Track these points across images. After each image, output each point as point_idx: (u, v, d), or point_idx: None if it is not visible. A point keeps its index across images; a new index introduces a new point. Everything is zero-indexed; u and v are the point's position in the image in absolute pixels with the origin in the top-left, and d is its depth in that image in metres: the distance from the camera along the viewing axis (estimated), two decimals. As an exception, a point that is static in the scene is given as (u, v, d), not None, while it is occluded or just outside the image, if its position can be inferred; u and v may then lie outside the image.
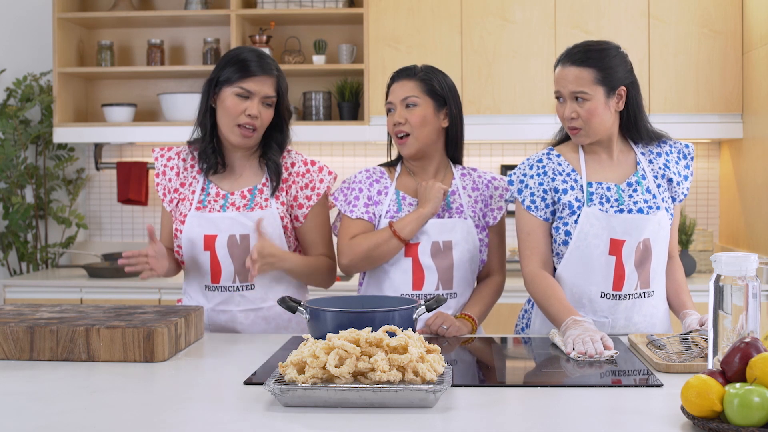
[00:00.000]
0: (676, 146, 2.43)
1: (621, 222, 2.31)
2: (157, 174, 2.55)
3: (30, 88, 4.52)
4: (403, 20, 4.23)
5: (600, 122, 2.31)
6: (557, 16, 4.18)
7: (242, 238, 2.42)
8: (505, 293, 4.26)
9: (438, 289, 2.47)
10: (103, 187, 4.83)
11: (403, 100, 2.48)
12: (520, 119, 4.20)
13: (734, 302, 1.67)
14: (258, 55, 2.44)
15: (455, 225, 2.49)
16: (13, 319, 2.11)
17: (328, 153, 4.64)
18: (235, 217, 2.43)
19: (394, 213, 2.50)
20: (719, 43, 4.13)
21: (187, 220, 2.45)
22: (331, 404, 1.58)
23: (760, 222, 3.89)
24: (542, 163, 2.40)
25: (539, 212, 2.37)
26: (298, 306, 2.10)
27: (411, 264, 2.47)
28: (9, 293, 4.15)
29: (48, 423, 1.53)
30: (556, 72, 2.36)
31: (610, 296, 2.32)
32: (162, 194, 2.54)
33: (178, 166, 2.54)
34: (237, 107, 2.40)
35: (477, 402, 1.65)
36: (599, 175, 2.38)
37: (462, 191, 2.55)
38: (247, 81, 2.40)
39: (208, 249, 2.43)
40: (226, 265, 2.44)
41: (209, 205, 2.47)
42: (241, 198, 2.47)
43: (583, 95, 2.29)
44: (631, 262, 2.31)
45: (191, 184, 2.51)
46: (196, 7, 4.46)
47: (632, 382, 1.81)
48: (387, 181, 2.55)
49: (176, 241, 2.49)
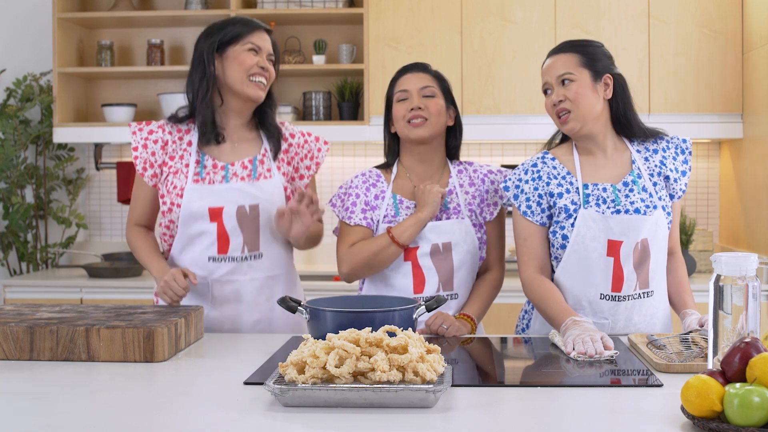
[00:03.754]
0: (673, 141, 2.42)
1: (618, 223, 2.30)
2: (135, 147, 2.47)
3: (30, 88, 4.53)
4: (403, 20, 4.23)
5: (588, 105, 2.32)
6: (557, 16, 4.18)
7: (251, 209, 2.43)
8: (505, 293, 4.25)
9: (439, 290, 2.47)
10: (103, 187, 4.83)
11: (422, 89, 2.50)
12: (520, 119, 4.20)
13: (734, 302, 1.67)
14: (246, 17, 2.52)
15: (453, 226, 2.49)
16: (13, 319, 2.11)
17: (328, 153, 4.63)
18: (242, 187, 2.44)
19: (392, 218, 2.50)
20: (719, 43, 4.13)
21: (185, 194, 2.42)
22: (331, 404, 1.58)
23: (760, 222, 3.90)
24: (537, 167, 2.40)
25: (535, 217, 2.37)
26: (298, 306, 2.11)
27: (411, 268, 2.47)
28: (9, 293, 4.16)
29: (48, 423, 1.53)
30: (543, 66, 2.40)
31: (610, 298, 2.32)
32: (141, 168, 2.46)
33: (163, 139, 2.47)
34: (251, 59, 2.44)
35: (477, 402, 1.65)
36: (595, 175, 2.37)
37: (459, 189, 2.54)
38: (254, 35, 2.45)
39: (215, 220, 2.42)
40: (234, 236, 2.43)
41: (207, 176, 2.44)
42: (242, 168, 2.47)
43: (570, 76, 2.32)
44: (629, 262, 2.30)
45: (182, 156, 2.46)
46: (196, 7, 4.47)
47: (632, 382, 1.81)
48: (384, 184, 2.55)
49: (168, 215, 2.44)
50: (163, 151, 2.47)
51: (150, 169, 2.47)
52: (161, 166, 2.47)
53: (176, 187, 2.44)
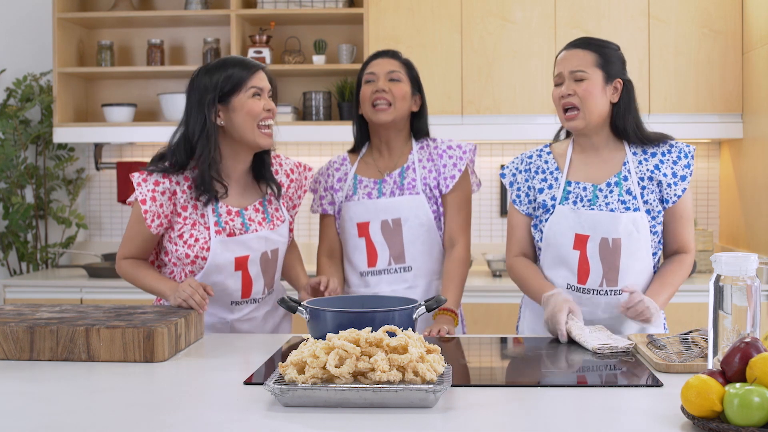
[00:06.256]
0: (677, 146, 2.43)
1: (587, 218, 2.37)
2: (143, 200, 2.36)
3: (30, 88, 4.52)
4: (403, 20, 4.23)
5: (596, 105, 2.37)
6: (557, 16, 4.18)
7: (272, 253, 2.48)
8: (505, 294, 4.24)
9: (390, 264, 2.62)
10: (103, 187, 4.83)
11: (389, 73, 2.64)
12: (520, 119, 4.19)
13: (734, 302, 1.67)
14: (239, 57, 2.47)
15: (403, 202, 2.63)
16: (13, 319, 2.11)
17: (328, 153, 4.64)
18: (267, 236, 2.45)
19: (350, 197, 2.67)
20: (719, 43, 4.13)
21: (212, 246, 2.37)
22: (331, 404, 1.58)
23: (760, 222, 3.89)
24: (531, 160, 2.51)
25: (522, 206, 2.49)
26: (298, 306, 2.11)
27: (365, 243, 2.64)
28: (9, 293, 4.15)
29: (48, 423, 1.53)
30: (559, 56, 2.43)
31: (575, 289, 2.40)
32: (150, 220, 2.36)
33: (170, 190, 2.38)
34: (258, 106, 2.37)
35: (477, 402, 1.65)
36: (582, 174, 2.43)
37: (417, 164, 2.66)
38: (254, 78, 2.38)
39: (240, 269, 2.42)
40: (257, 281, 2.46)
41: (228, 226, 2.40)
42: (255, 212, 2.47)
43: (583, 74, 2.37)
44: (596, 257, 2.36)
45: (196, 206, 2.40)
46: (196, 7, 4.46)
47: (632, 382, 1.81)
48: (347, 167, 2.73)
49: (190, 266, 2.40)
50: (170, 202, 2.38)
51: (157, 219, 2.38)
52: (170, 216, 2.40)
53: (198, 240, 2.38)
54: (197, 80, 2.40)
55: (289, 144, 4.61)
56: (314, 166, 4.64)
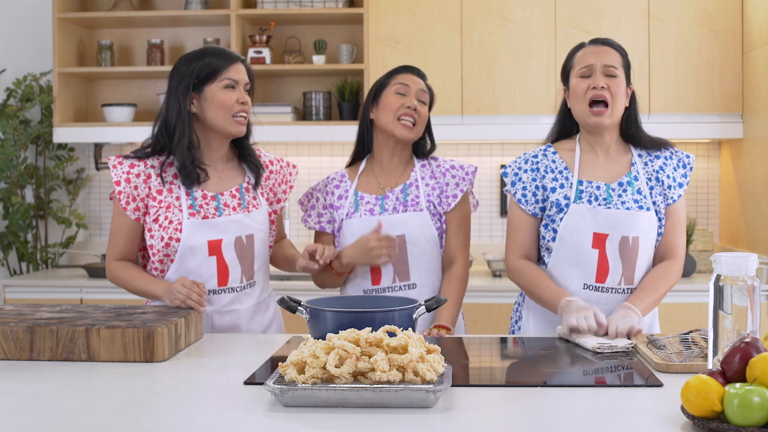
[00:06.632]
0: (677, 154, 2.46)
1: (605, 216, 2.35)
2: (117, 182, 2.40)
3: (30, 88, 4.52)
4: (403, 20, 4.23)
5: (622, 104, 2.39)
6: (557, 16, 4.18)
7: (247, 239, 2.45)
8: (505, 294, 4.23)
9: (395, 281, 2.57)
10: (103, 187, 4.83)
11: (420, 92, 2.62)
12: (520, 119, 4.20)
13: (734, 302, 1.67)
14: (220, 48, 2.48)
15: (408, 219, 2.59)
16: (13, 319, 2.11)
17: (328, 153, 4.64)
18: (240, 219, 2.44)
19: (352, 214, 2.61)
20: (719, 43, 4.13)
21: (184, 228, 2.39)
22: (331, 404, 1.58)
23: (760, 222, 3.90)
24: (537, 159, 2.47)
25: (529, 206, 2.44)
26: (298, 306, 2.11)
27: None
28: (9, 293, 4.15)
29: (48, 423, 1.53)
30: (586, 49, 2.43)
31: (593, 288, 2.37)
32: (125, 203, 2.39)
33: (146, 173, 2.42)
34: (230, 98, 2.40)
35: (477, 402, 1.65)
36: (592, 173, 2.42)
37: (420, 182, 2.63)
38: (230, 70, 2.40)
39: (214, 254, 2.42)
40: (234, 267, 2.44)
41: (202, 209, 2.42)
42: (231, 198, 2.47)
43: (615, 71, 2.37)
44: (615, 256, 2.35)
45: (171, 190, 2.43)
46: (196, 7, 4.46)
47: (632, 382, 1.81)
48: (347, 184, 2.68)
49: (164, 250, 2.40)
50: (145, 185, 2.42)
51: (133, 203, 2.41)
52: (145, 200, 2.42)
53: (172, 222, 2.40)
54: (178, 67, 2.45)
55: (289, 144, 4.62)
56: (314, 167, 4.69)
